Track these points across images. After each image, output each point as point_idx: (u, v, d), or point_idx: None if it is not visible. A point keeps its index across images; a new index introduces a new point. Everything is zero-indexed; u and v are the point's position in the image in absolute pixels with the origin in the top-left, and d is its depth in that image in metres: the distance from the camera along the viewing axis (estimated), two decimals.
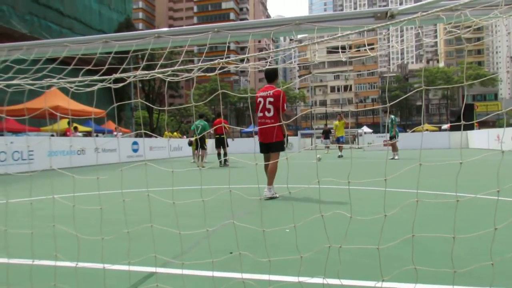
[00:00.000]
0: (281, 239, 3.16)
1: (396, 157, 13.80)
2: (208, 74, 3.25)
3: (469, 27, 2.09)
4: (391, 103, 2.07)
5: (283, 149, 5.65)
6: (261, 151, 5.82)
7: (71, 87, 2.59)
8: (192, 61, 60.61)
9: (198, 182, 7.51)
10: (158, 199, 3.33)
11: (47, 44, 2.64)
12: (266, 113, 5.62)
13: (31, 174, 9.70)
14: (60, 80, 2.51)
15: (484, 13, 2.01)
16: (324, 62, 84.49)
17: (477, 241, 2.84)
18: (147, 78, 2.51)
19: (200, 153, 13.68)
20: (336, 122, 17.75)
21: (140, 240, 3.28)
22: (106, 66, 2.72)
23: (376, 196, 5.24)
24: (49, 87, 2.69)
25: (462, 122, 1.88)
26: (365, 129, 44.13)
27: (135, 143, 18.47)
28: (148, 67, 3.41)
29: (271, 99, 5.63)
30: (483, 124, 42.84)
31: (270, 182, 5.39)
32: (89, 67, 2.83)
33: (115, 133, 21.60)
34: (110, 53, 2.61)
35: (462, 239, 2.81)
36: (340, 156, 16.64)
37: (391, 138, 13.77)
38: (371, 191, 5.71)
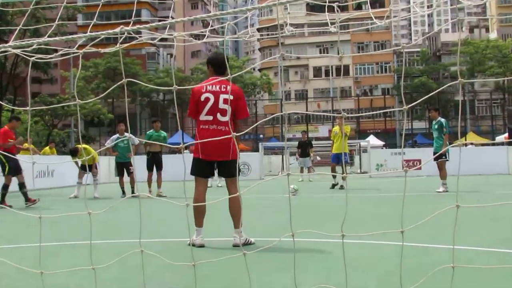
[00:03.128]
0: None
1: (442, 189, 14.14)
2: (103, 50, 3.26)
3: None
4: (414, 103, 2.16)
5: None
6: (202, 174, 6.32)
7: None
8: (73, 21, 59.63)
9: (81, 233, 7.38)
10: (12, 265, 3.23)
11: None
12: (220, 116, 6.12)
13: None
14: None
15: None
16: (303, 27, 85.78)
17: None
18: None
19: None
20: (336, 128, 17.54)
21: None
22: None
23: (387, 255, 5.36)
24: None
25: None
26: (372, 140, 45.04)
27: None
28: None
29: (230, 97, 6.12)
30: None
31: (239, 223, 5.93)
32: None
33: None
34: None
35: None
36: (340, 187, 16.76)
37: (439, 156, 14.01)
38: (379, 246, 5.86)
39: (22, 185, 13.02)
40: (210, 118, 6.13)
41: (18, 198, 13.20)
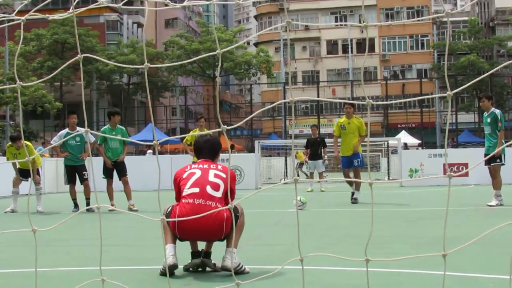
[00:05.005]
0: None
1: (495, 202, 14.15)
2: (51, 17, 3.31)
3: None
4: (461, 88, 2.22)
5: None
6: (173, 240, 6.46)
7: None
8: None
9: (23, 257, 7.39)
10: None
11: None
12: (210, 189, 6.23)
13: None
14: None
15: None
16: None
17: None
18: None
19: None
20: (341, 120, 17.24)
21: None
22: None
23: (424, 286, 5.41)
24: None
25: None
26: (405, 138, 45.07)
27: None
28: None
29: (220, 173, 6.41)
30: None
31: (232, 241, 6.09)
32: None
33: None
34: None
35: None
36: (354, 200, 16.58)
37: (491, 158, 13.93)
38: (414, 276, 5.92)
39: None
40: (197, 190, 6.22)
41: None
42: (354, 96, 63.77)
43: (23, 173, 15.93)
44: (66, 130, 16.04)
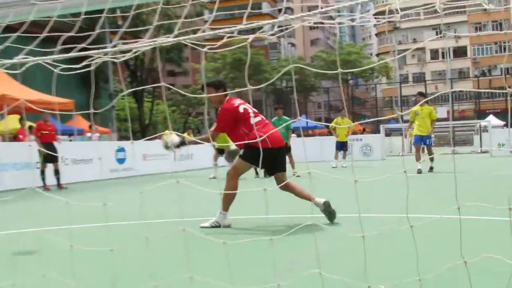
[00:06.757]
0: None
1: None
2: (252, 38, 3.27)
3: None
4: None
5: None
6: (269, 170, 6.77)
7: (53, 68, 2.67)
8: (200, 16, 61.01)
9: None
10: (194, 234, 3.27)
11: None
12: (262, 115, 6.82)
13: None
14: (29, 59, 2.58)
15: None
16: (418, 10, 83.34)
17: None
18: (139, 50, 2.55)
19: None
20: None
21: None
22: (73, 33, 2.78)
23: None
24: None
25: None
26: (493, 120, 43.24)
27: (121, 149, 18.80)
28: (135, 29, 3.46)
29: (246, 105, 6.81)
30: None
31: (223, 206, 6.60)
32: (46, 34, 2.91)
33: (89, 134, 21.77)
34: (76, 15, 2.66)
35: None
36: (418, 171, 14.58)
37: None
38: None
39: (56, 172, 14.27)
40: (259, 118, 6.64)
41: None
42: (452, 90, 61.87)
43: (220, 151, 15.88)
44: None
